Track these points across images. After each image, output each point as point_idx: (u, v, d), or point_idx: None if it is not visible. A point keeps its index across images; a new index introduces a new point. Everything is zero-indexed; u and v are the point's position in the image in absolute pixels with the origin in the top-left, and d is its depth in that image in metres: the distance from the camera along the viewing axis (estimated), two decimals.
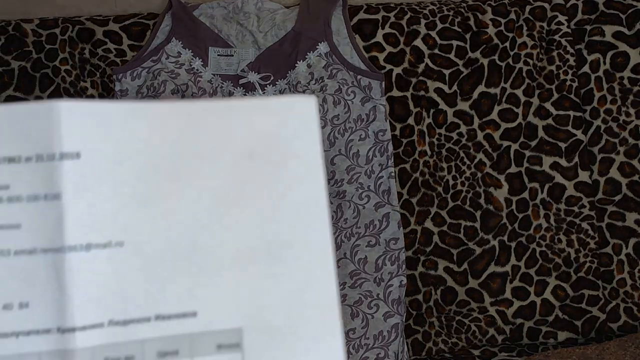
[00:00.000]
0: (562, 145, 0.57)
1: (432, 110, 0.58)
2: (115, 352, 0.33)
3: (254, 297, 0.34)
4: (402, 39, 0.58)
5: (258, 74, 0.65)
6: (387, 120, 0.58)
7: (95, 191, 0.33)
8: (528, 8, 0.60)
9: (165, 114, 0.34)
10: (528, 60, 0.59)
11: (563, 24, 0.61)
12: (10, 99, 0.63)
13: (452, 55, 0.57)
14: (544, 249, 0.56)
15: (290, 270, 0.34)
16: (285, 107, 0.37)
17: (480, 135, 0.56)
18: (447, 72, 0.57)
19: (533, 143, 0.58)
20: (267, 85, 0.70)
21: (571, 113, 0.58)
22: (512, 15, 0.60)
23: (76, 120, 0.34)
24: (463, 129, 0.57)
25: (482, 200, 0.57)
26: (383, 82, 0.58)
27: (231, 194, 0.35)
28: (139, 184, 0.35)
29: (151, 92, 0.76)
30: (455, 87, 0.58)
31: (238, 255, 0.34)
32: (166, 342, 0.33)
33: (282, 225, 0.36)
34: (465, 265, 0.55)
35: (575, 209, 0.56)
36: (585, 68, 0.59)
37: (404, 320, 0.60)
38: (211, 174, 0.36)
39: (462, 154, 0.57)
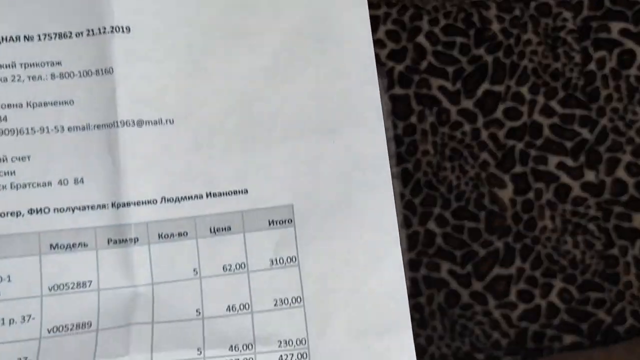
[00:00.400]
0: (568, 144, 0.56)
1: (435, 109, 0.57)
2: (169, 228, 0.33)
3: (304, 173, 0.33)
4: (404, 36, 0.57)
5: None
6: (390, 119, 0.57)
7: (145, 66, 0.32)
8: (533, 4, 0.58)
9: None
10: (533, 57, 0.58)
11: (568, 21, 0.60)
12: None
13: (455, 52, 0.56)
14: (549, 250, 0.54)
15: (341, 147, 0.33)
16: None
17: (484, 134, 0.55)
18: (450, 69, 0.55)
19: (538, 142, 0.57)
20: None
21: (577, 111, 0.57)
22: (517, 12, 0.59)
23: None
24: (467, 127, 0.56)
25: (486, 201, 0.55)
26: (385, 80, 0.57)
27: (280, 71, 0.34)
28: (188, 60, 0.33)
29: None
30: (458, 85, 0.57)
31: (288, 132, 0.33)
32: (218, 218, 0.32)
33: (333, 101, 0.34)
34: (469, 268, 0.54)
35: (582, 209, 0.55)
36: (592, 66, 0.58)
37: None
38: (261, 50, 0.34)
39: (465, 153, 0.56)
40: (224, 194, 0.33)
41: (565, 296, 0.55)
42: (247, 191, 0.33)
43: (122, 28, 0.32)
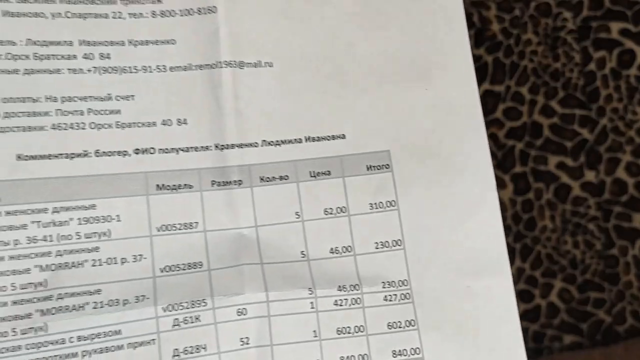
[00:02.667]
0: (568, 144, 0.56)
1: None
2: (270, 172, 0.33)
3: (399, 119, 0.33)
4: None
5: None
6: None
7: (248, 6, 0.32)
8: (533, 4, 0.59)
9: None
10: (533, 57, 0.58)
11: (568, 21, 0.60)
12: None
13: None
14: (549, 250, 0.55)
15: (434, 93, 0.33)
16: None
17: None
18: None
19: (538, 142, 0.57)
20: None
21: (577, 111, 0.57)
22: (517, 12, 0.59)
23: None
24: None
25: None
26: None
27: (371, 17, 0.34)
28: (284, 4, 0.34)
29: None
30: None
31: (383, 78, 0.33)
32: (318, 162, 0.33)
33: (424, 48, 0.35)
34: None
35: (582, 209, 0.55)
36: (592, 66, 0.58)
37: None
38: None
39: None
40: (322, 139, 0.34)
41: (565, 296, 0.55)
42: (344, 136, 0.34)
43: None
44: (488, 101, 0.61)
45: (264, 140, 0.33)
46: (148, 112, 0.32)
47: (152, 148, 0.32)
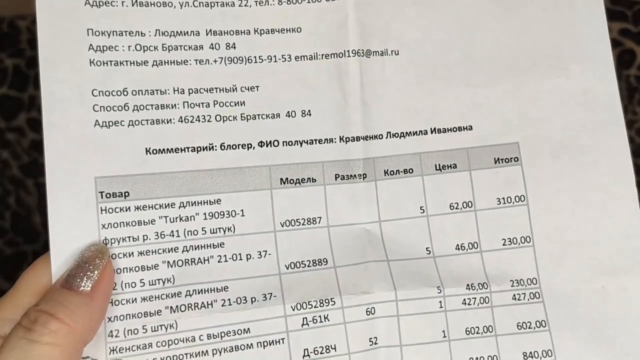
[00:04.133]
0: None
1: None
2: (394, 165, 0.32)
3: (530, 110, 0.33)
4: None
5: None
6: None
7: None
8: None
9: None
10: None
11: None
12: (2, 97, 0.62)
13: None
14: None
15: (569, 83, 0.31)
16: None
17: None
18: None
19: None
20: None
21: None
22: None
23: None
24: None
25: None
26: None
27: (505, 2, 0.32)
28: None
29: None
30: None
31: (514, 65, 0.33)
32: (444, 155, 0.32)
33: (560, 34, 0.33)
34: None
35: None
36: None
37: None
38: None
39: None
40: (448, 130, 0.32)
41: None
42: (471, 128, 0.32)
43: None
44: None
45: (389, 132, 0.32)
46: (272, 103, 0.31)
47: (276, 140, 0.31)
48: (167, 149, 0.30)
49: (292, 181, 0.31)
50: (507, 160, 0.32)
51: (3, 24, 0.62)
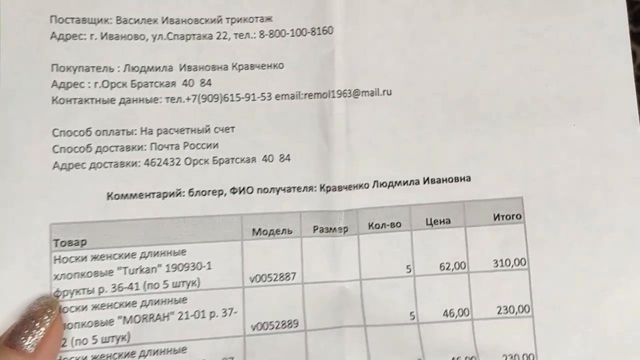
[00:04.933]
0: None
1: None
2: (381, 217, 0.29)
3: (537, 161, 0.30)
4: None
5: None
6: None
7: (367, 27, 0.27)
8: None
9: None
10: None
11: None
12: None
13: None
14: None
15: (583, 132, 0.28)
16: None
17: None
18: None
19: None
20: None
21: None
22: None
23: None
24: None
25: None
26: None
27: (513, 36, 0.28)
28: (412, 20, 0.28)
29: None
30: None
31: (522, 110, 0.30)
32: (436, 208, 0.28)
33: (582, 77, 0.28)
34: None
35: None
36: None
37: None
38: (491, 12, 0.29)
39: None
40: (443, 181, 0.29)
41: None
42: (469, 178, 0.29)
43: None
44: None
45: (376, 181, 0.29)
46: (248, 146, 0.29)
47: (250, 187, 0.28)
48: (130, 194, 0.28)
49: (265, 232, 0.28)
50: (508, 217, 0.29)
51: None
